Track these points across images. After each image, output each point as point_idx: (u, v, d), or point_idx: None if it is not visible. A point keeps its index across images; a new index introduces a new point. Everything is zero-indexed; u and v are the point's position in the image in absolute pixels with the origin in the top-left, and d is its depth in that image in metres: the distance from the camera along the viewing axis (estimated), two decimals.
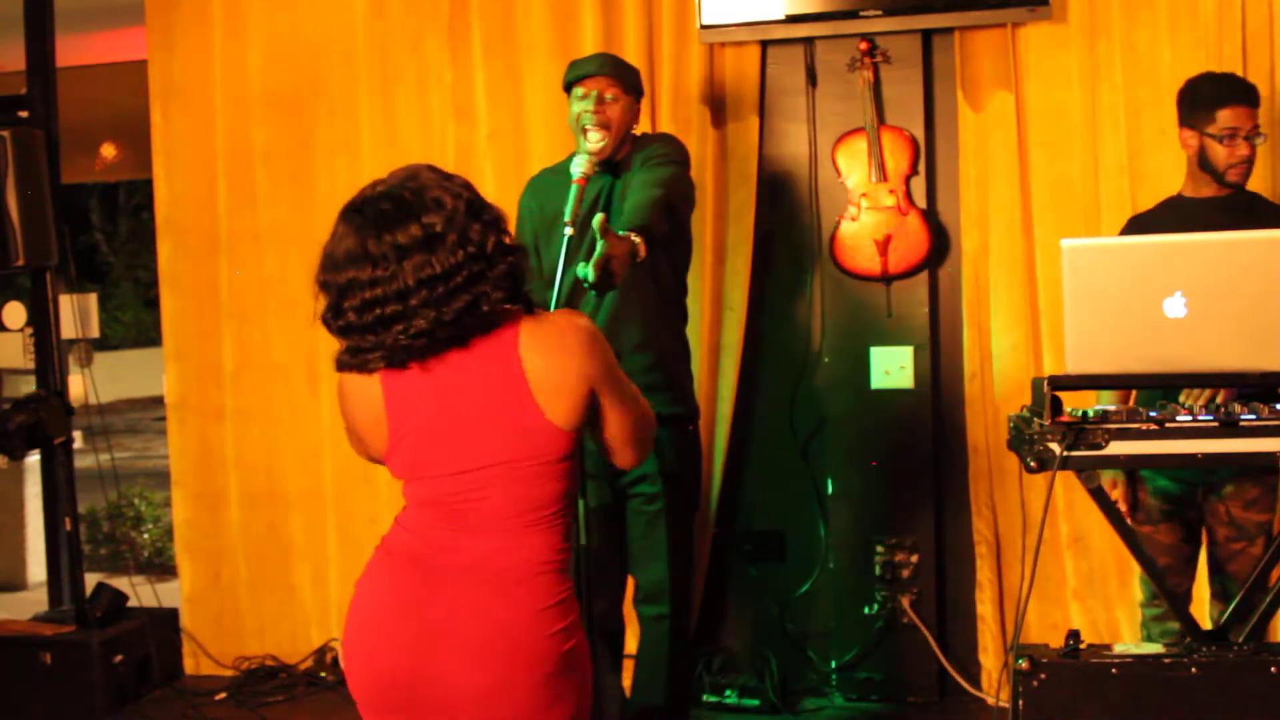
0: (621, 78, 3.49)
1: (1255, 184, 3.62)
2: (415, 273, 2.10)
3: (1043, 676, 2.79)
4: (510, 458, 2.17)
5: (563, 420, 2.18)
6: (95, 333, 5.15)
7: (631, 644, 3.74)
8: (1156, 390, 3.26)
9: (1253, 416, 2.71)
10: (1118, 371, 2.80)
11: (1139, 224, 3.47)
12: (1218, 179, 3.38)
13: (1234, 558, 3.39)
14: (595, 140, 3.40)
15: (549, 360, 2.17)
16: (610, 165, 3.49)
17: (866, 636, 4.28)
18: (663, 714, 3.56)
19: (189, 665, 4.86)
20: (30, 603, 5.92)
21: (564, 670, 2.20)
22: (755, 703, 4.19)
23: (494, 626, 2.16)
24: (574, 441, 2.22)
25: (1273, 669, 2.74)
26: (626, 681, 3.75)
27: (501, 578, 2.18)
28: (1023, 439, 2.82)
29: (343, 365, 2.21)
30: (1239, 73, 3.89)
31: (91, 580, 4.80)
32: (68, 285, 4.89)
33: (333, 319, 2.18)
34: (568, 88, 3.54)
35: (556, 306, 3.18)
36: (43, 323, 4.91)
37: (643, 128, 4.26)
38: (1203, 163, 3.39)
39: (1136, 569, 3.64)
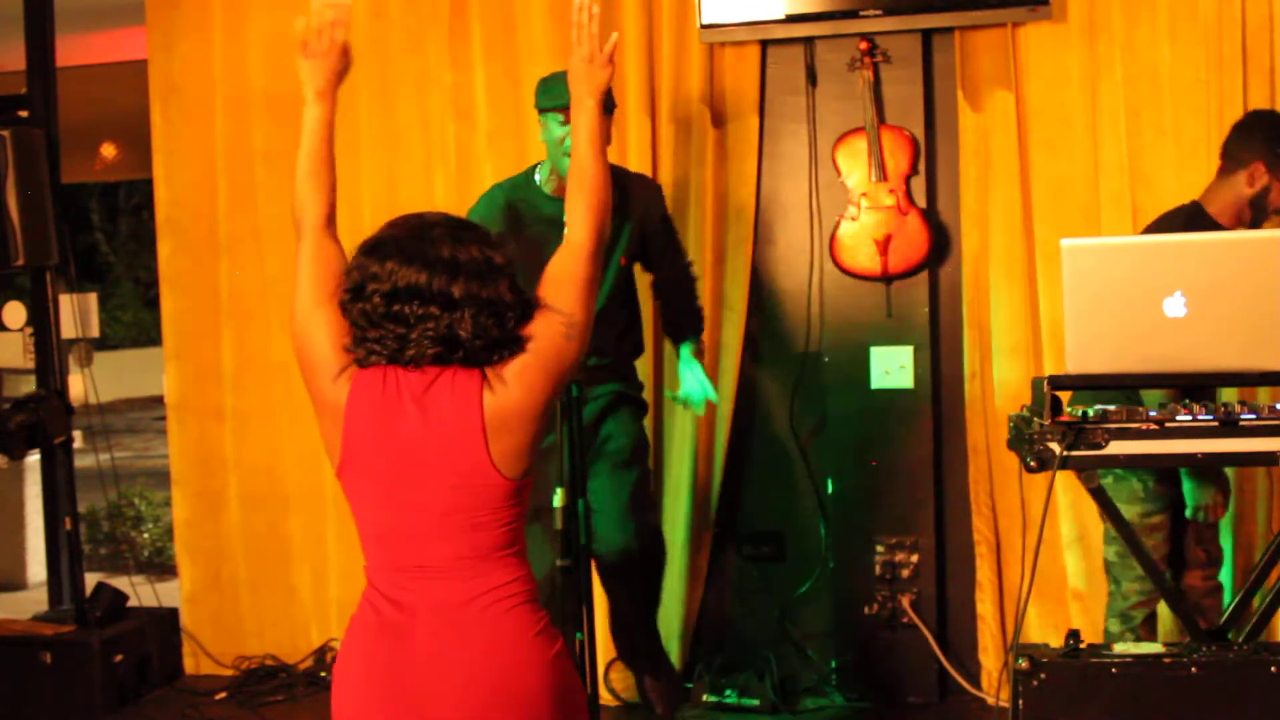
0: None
1: None
2: (466, 289, 2.09)
3: (1043, 676, 2.79)
4: (451, 505, 2.12)
5: (509, 468, 2.13)
6: (95, 333, 5.14)
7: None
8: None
9: (1253, 416, 2.72)
10: (1118, 371, 2.80)
11: (1166, 222, 3.43)
12: (1261, 218, 3.35)
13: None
14: None
15: (508, 398, 2.12)
16: (617, 193, 3.56)
17: (866, 636, 4.28)
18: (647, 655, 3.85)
19: (189, 665, 4.86)
20: (30, 603, 5.91)
21: (561, 706, 2.14)
22: (755, 703, 4.18)
23: (476, 673, 2.10)
24: (516, 491, 2.15)
25: (1273, 669, 2.74)
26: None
27: (473, 621, 2.11)
28: (1023, 439, 2.83)
29: (348, 349, 2.18)
30: (1239, 72, 3.90)
31: (91, 580, 4.80)
32: (68, 285, 4.89)
33: (351, 301, 2.15)
34: (543, 111, 3.61)
35: None
36: (43, 323, 4.91)
37: (642, 127, 4.28)
38: (1259, 200, 3.33)
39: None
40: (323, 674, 4.63)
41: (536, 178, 3.72)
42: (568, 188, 2.34)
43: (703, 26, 4.20)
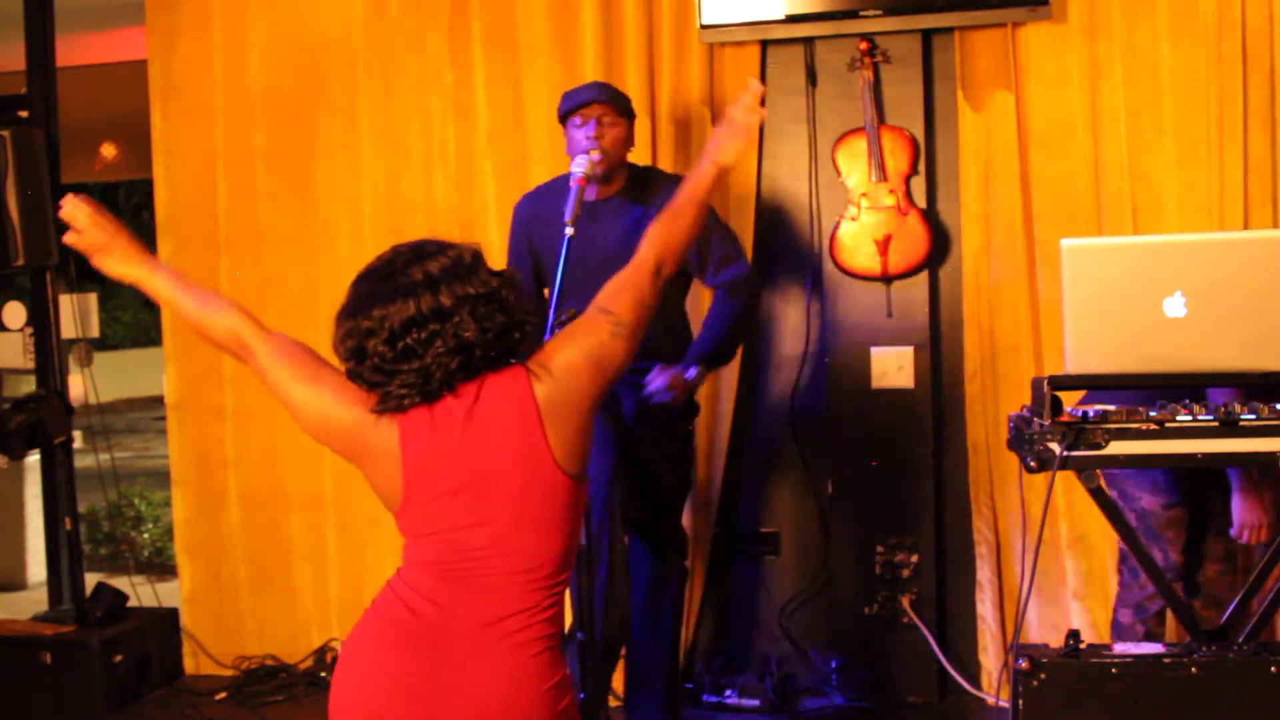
0: (616, 102, 3.66)
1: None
2: (452, 294, 2.13)
3: (1043, 676, 2.79)
4: (520, 509, 2.15)
5: (566, 460, 2.16)
6: (95, 333, 5.14)
7: None
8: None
9: (1253, 416, 2.71)
10: (1118, 371, 2.80)
11: None
12: None
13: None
14: (595, 159, 3.48)
15: (556, 387, 2.17)
16: (639, 189, 3.64)
17: (866, 636, 4.28)
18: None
19: (189, 665, 4.85)
20: (30, 603, 5.92)
21: None
22: (755, 703, 4.18)
23: (482, 698, 2.11)
24: (577, 493, 2.19)
25: (1273, 669, 2.74)
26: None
27: (502, 645, 2.13)
28: (1023, 439, 2.82)
29: (378, 409, 2.17)
30: (1239, 72, 3.90)
31: (91, 580, 4.80)
32: (68, 285, 4.89)
33: (358, 364, 2.16)
34: (564, 118, 3.64)
35: (555, 305, 3.20)
36: (43, 323, 4.91)
37: (642, 127, 4.27)
38: None
39: None
40: (323, 674, 4.62)
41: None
42: (660, 218, 2.42)
43: (703, 27, 4.19)
